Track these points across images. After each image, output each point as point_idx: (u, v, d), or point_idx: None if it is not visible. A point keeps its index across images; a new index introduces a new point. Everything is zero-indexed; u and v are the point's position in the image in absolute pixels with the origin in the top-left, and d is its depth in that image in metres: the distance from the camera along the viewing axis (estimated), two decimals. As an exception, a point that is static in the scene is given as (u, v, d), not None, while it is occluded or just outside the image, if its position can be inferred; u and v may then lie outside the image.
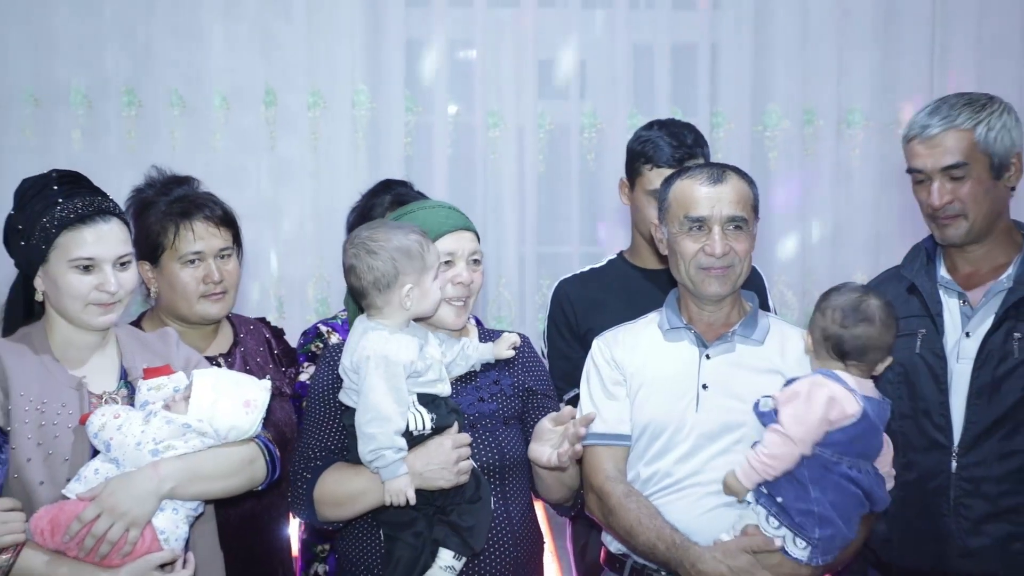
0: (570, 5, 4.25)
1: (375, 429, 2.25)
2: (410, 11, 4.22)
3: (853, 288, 2.43)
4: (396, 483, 2.26)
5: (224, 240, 2.75)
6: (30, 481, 2.17)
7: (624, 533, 2.45)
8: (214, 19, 4.15)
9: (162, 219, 2.69)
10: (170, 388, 2.30)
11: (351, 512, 2.37)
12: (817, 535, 2.31)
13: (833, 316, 2.37)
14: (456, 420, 2.38)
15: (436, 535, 2.33)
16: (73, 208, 2.26)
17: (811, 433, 2.28)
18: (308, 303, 4.22)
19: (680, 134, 2.96)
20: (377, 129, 4.23)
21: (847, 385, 2.33)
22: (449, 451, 2.30)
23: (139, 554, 2.17)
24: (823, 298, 2.43)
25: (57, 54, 4.11)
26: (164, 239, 2.69)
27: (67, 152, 4.06)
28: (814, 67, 4.27)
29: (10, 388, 2.20)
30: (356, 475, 2.34)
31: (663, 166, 2.89)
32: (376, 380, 2.27)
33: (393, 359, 2.29)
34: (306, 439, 2.46)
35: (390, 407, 2.26)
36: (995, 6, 4.26)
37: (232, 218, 2.81)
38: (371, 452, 2.26)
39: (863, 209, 4.31)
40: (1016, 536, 2.42)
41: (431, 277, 2.38)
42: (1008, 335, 2.46)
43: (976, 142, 2.47)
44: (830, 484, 2.31)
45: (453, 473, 2.29)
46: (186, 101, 4.17)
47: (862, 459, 2.35)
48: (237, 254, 2.82)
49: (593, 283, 3.04)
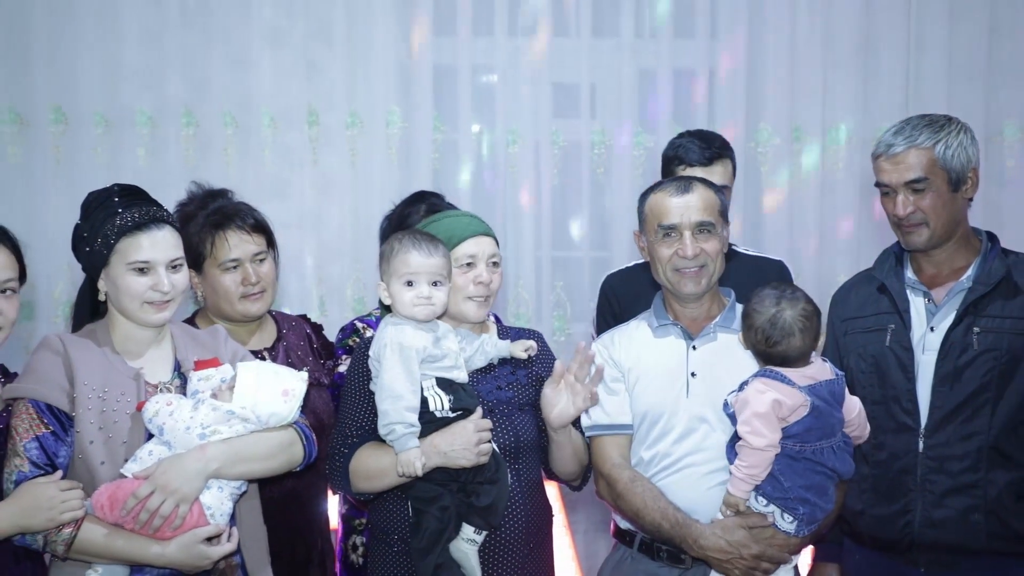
0: (581, 34, 4.25)
1: (388, 406, 2.27)
2: (438, 40, 4.23)
3: (769, 300, 2.37)
4: (406, 455, 2.26)
5: (258, 245, 2.75)
6: (92, 461, 2.18)
7: (632, 514, 2.47)
8: (263, 48, 4.16)
9: (200, 231, 2.70)
10: (217, 379, 2.30)
11: (380, 485, 2.37)
12: (800, 511, 2.34)
13: (757, 337, 2.35)
14: (478, 404, 2.39)
15: (460, 512, 2.33)
16: (131, 217, 2.27)
17: (769, 436, 2.28)
18: (346, 302, 4.22)
19: (708, 137, 3.01)
20: (408, 146, 4.23)
21: (790, 381, 2.32)
22: (471, 433, 2.31)
23: (188, 528, 2.18)
24: (745, 314, 2.40)
25: (124, 81, 4.13)
26: (204, 248, 2.69)
27: (133, 168, 4.07)
28: (801, 90, 4.26)
29: (76, 378, 2.20)
30: (385, 454, 2.34)
31: (695, 165, 2.93)
32: (391, 363, 2.30)
33: (406, 344, 2.31)
34: (343, 420, 2.46)
35: (402, 386, 2.28)
36: (963, 36, 4.24)
37: (264, 224, 2.80)
38: (384, 427, 2.29)
39: (845, 217, 4.29)
40: (975, 508, 2.43)
41: (400, 283, 2.37)
42: (968, 329, 2.46)
43: (936, 159, 2.47)
44: (799, 470, 2.32)
45: (474, 454, 2.29)
46: (238, 121, 4.18)
47: (825, 439, 2.35)
48: (272, 256, 2.81)
49: (635, 277, 3.01)
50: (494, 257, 2.53)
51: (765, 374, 2.35)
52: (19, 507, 2.07)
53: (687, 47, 4.29)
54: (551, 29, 4.24)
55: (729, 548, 2.35)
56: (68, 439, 2.19)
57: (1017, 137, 4.28)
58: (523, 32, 4.25)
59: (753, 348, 2.39)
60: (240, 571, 2.34)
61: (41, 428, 2.15)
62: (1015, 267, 2.52)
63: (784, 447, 2.31)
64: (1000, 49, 4.27)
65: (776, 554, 2.37)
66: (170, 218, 2.38)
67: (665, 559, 2.47)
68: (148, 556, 2.16)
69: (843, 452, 2.38)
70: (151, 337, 2.36)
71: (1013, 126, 4.28)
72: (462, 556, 2.33)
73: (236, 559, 2.32)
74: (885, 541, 2.53)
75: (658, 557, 2.48)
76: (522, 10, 4.24)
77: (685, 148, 2.97)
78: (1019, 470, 2.44)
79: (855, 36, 4.26)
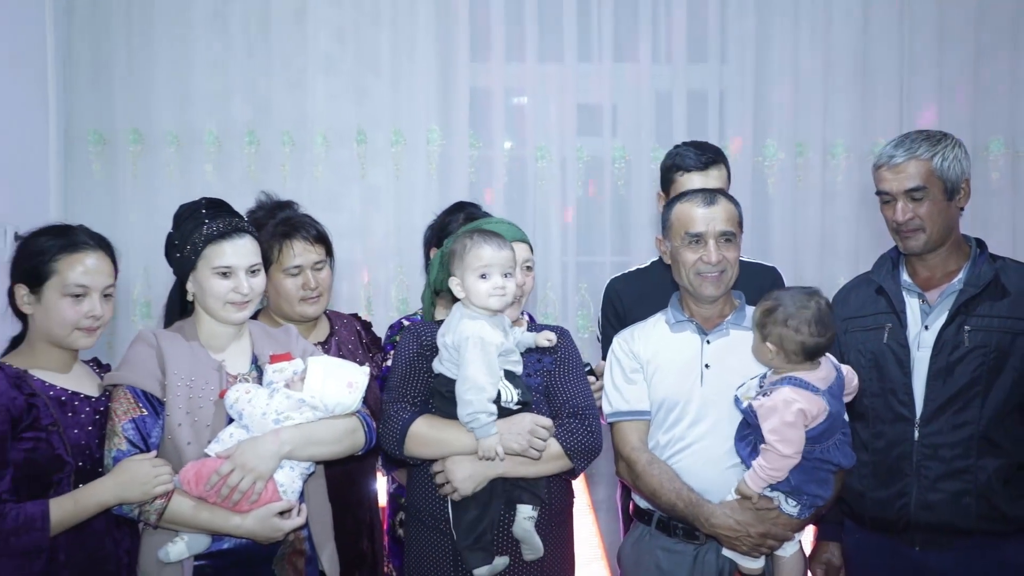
0: (604, 60, 4.23)
1: (472, 396, 2.26)
2: (474, 66, 4.24)
3: (800, 298, 2.35)
4: (488, 441, 2.27)
5: (319, 255, 2.78)
6: (180, 442, 2.22)
7: (650, 494, 2.48)
8: (317, 74, 4.18)
9: (270, 239, 2.71)
10: (290, 371, 2.33)
11: (434, 453, 2.35)
12: (806, 497, 2.35)
13: (799, 328, 2.30)
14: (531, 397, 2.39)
15: (512, 497, 2.33)
16: (216, 227, 2.32)
17: (796, 446, 2.29)
18: (391, 302, 4.23)
19: (702, 145, 2.96)
20: (447, 161, 4.23)
21: (815, 388, 2.31)
22: (528, 423, 2.31)
23: (263, 503, 2.22)
24: (772, 311, 2.34)
25: (194, 105, 4.16)
26: (271, 254, 2.71)
27: (201, 182, 4.10)
28: (804, 109, 4.23)
29: (167, 368, 2.25)
30: (447, 426, 2.34)
31: (691, 170, 2.87)
32: (474, 356, 2.28)
33: (488, 340, 2.30)
34: (400, 389, 2.43)
35: (484, 379, 2.27)
36: (952, 60, 4.20)
37: (325, 236, 2.82)
38: (468, 415, 2.27)
39: (845, 225, 4.26)
40: (965, 492, 2.42)
41: (480, 280, 2.35)
42: (959, 328, 2.46)
43: (933, 169, 2.46)
44: (806, 468, 2.33)
45: (526, 440, 2.29)
46: (294, 140, 4.20)
47: (832, 436, 2.34)
48: (330, 264, 2.83)
49: (637, 281, 3.00)
50: (528, 261, 2.55)
51: (793, 382, 2.31)
52: (117, 481, 2.12)
53: (699, 70, 4.27)
54: (576, 55, 4.24)
55: (737, 527, 2.35)
56: (159, 422, 2.24)
57: (1002, 152, 4.24)
58: (551, 58, 4.25)
59: (796, 345, 2.32)
60: (307, 543, 2.38)
61: (137, 411, 2.21)
62: (1002, 271, 2.51)
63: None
64: (986, 71, 4.23)
65: (780, 533, 2.37)
66: (250, 228, 2.42)
67: (681, 536, 2.47)
68: (228, 527, 2.21)
69: (844, 445, 2.38)
70: (232, 333, 2.40)
71: (998, 142, 4.24)
72: (525, 535, 2.32)
73: (304, 532, 2.36)
74: (883, 522, 2.53)
75: (674, 534, 2.48)
76: (550, 38, 4.25)
77: (682, 156, 2.93)
78: (1007, 457, 2.44)
79: (853, 59, 4.23)
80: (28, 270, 2.22)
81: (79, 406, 2.23)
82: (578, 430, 2.39)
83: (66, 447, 2.17)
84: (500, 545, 2.35)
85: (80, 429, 2.21)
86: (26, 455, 2.11)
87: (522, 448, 2.29)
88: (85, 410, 2.24)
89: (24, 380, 2.17)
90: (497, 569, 2.32)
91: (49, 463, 2.14)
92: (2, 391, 2.11)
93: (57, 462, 2.15)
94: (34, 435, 2.13)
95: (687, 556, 2.46)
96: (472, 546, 2.29)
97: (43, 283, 2.21)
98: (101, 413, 2.26)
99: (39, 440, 2.13)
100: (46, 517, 2.08)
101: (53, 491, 2.15)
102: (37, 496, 2.12)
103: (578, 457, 2.38)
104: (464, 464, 2.31)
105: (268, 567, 2.30)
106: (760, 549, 2.37)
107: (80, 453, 2.19)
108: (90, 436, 2.22)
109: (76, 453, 2.18)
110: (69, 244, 2.24)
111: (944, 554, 2.46)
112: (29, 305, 2.23)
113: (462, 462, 2.32)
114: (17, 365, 2.21)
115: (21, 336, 2.31)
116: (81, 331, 2.23)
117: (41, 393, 2.18)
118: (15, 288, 2.24)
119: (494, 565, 2.31)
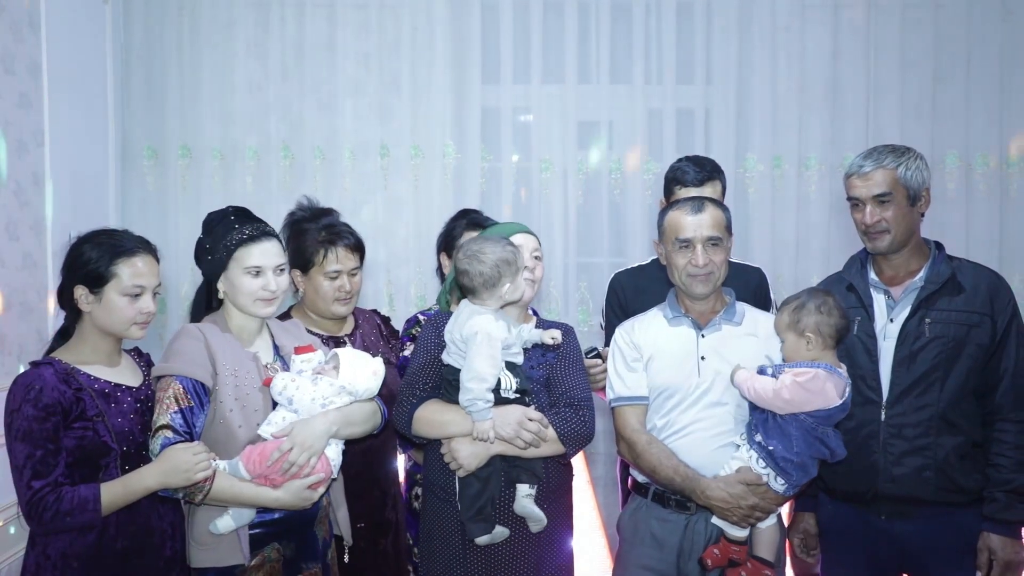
0: (602, 81, 4.25)
1: (474, 385, 2.28)
2: (485, 87, 4.25)
3: (820, 293, 2.40)
4: (483, 425, 2.29)
5: (355, 262, 2.78)
6: (232, 425, 2.22)
7: (649, 470, 2.45)
8: (345, 96, 4.21)
9: (315, 243, 2.72)
10: (315, 361, 2.33)
11: (438, 434, 2.38)
12: (794, 476, 2.34)
13: (831, 311, 2.35)
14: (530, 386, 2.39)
15: (511, 477, 2.34)
16: (246, 231, 2.32)
17: (795, 399, 2.28)
18: (410, 299, 4.24)
19: (701, 162, 2.93)
20: (460, 173, 4.25)
21: (843, 376, 2.33)
22: (519, 415, 2.32)
23: (318, 473, 2.25)
24: (802, 307, 2.37)
25: (235, 123, 4.19)
26: (315, 258, 2.71)
27: (242, 192, 4.14)
28: (781, 125, 4.24)
29: (216, 359, 2.24)
30: (448, 410, 2.37)
31: (690, 185, 2.86)
32: (481, 349, 2.29)
33: (495, 335, 2.31)
34: (413, 378, 2.45)
35: (488, 370, 2.29)
36: (912, 83, 4.22)
37: (362, 245, 2.82)
38: (468, 400, 2.30)
39: (818, 229, 4.26)
40: (926, 466, 2.42)
41: (522, 276, 2.42)
42: (921, 320, 2.45)
43: (898, 178, 2.47)
44: (810, 442, 2.32)
45: (514, 430, 2.30)
46: (325, 154, 4.21)
47: (830, 423, 2.35)
48: (361, 269, 2.83)
49: (639, 276, 2.96)
50: (536, 251, 2.55)
51: (827, 367, 2.33)
52: (162, 469, 2.11)
53: (687, 91, 4.28)
54: (576, 77, 4.25)
55: (730, 499, 2.34)
56: (205, 411, 2.22)
57: (956, 165, 4.25)
58: (554, 80, 4.27)
59: (831, 329, 2.35)
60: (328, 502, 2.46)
61: (186, 402, 2.18)
62: (958, 270, 2.51)
63: (806, 422, 2.32)
64: (943, 94, 4.25)
65: (767, 506, 2.36)
66: (275, 233, 2.41)
67: (674, 507, 2.46)
68: (268, 499, 2.21)
69: (838, 438, 2.38)
70: (257, 327, 2.41)
71: (954, 156, 4.25)
72: (526, 511, 2.33)
73: (328, 496, 2.43)
74: (853, 494, 2.52)
75: (668, 505, 2.47)
76: (553, 62, 4.26)
77: (683, 171, 2.91)
78: (963, 435, 2.43)
79: (824, 83, 4.25)
80: (88, 273, 2.21)
81: (121, 396, 2.22)
82: (572, 419, 2.39)
83: (111, 434, 2.16)
84: (505, 521, 2.36)
85: (123, 417, 2.20)
86: (76, 442, 2.12)
87: (510, 437, 2.30)
88: (127, 400, 2.23)
89: (72, 375, 2.16)
90: (497, 539, 2.33)
91: (96, 449, 2.14)
92: (55, 386, 2.11)
93: (103, 448, 2.15)
94: (82, 425, 2.12)
95: (679, 524, 2.45)
96: (474, 517, 2.31)
97: (103, 285, 2.21)
98: (142, 401, 2.25)
99: (87, 429, 2.13)
100: (98, 499, 2.09)
101: (102, 474, 2.16)
102: (88, 478, 2.14)
103: (570, 443, 2.39)
104: (466, 444, 2.33)
105: (311, 529, 2.35)
106: (748, 520, 2.35)
107: (124, 439, 2.18)
108: (132, 423, 2.21)
109: (120, 439, 2.17)
110: (125, 250, 2.24)
111: (907, 522, 2.45)
112: (88, 304, 2.23)
113: (464, 442, 2.34)
114: (66, 360, 2.20)
115: (65, 328, 2.30)
116: (137, 325, 2.25)
117: (87, 387, 2.17)
118: (74, 289, 2.23)
119: (493, 535, 2.32)
